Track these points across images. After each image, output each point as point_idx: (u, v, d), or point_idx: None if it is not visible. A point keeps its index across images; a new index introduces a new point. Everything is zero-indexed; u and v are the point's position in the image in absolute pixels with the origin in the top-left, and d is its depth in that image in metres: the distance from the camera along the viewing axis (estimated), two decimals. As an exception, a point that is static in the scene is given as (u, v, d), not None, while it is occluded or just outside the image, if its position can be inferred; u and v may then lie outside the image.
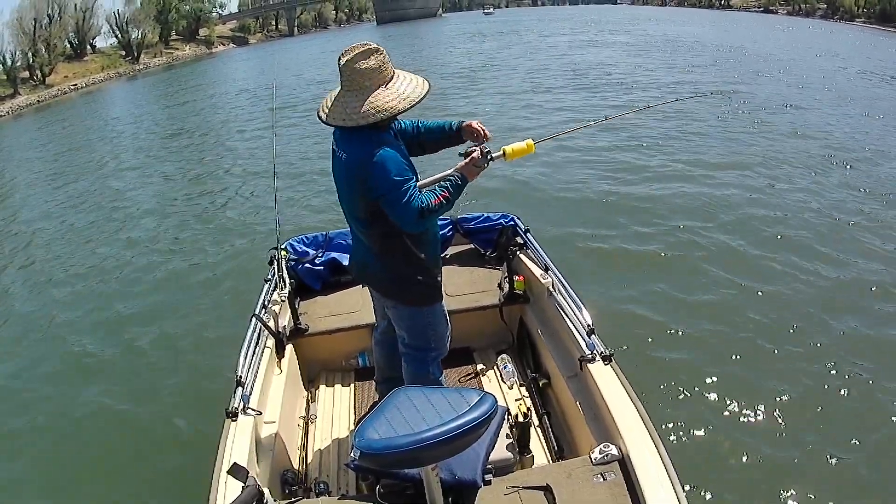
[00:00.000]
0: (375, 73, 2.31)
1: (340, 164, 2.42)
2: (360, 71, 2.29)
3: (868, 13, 43.82)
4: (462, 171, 2.49)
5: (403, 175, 2.31)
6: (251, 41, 73.92)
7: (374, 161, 2.26)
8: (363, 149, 2.30)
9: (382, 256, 2.57)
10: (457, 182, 2.45)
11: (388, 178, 2.27)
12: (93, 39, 52.02)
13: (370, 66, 2.29)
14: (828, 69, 19.17)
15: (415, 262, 2.56)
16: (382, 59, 2.32)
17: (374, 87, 2.31)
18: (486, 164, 2.52)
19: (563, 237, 6.79)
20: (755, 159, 9.43)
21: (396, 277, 2.60)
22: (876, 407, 4.00)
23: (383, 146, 2.29)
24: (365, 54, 2.30)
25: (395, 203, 2.30)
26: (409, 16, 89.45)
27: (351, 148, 2.36)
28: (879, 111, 12.68)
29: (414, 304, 2.68)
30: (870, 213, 7.15)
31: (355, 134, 2.34)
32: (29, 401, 5.08)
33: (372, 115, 2.29)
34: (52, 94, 39.61)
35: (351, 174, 2.37)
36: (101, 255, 8.20)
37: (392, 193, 2.29)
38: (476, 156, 2.50)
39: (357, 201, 2.42)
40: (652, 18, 52.23)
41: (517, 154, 2.66)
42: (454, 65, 26.13)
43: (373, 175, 2.28)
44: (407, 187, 2.30)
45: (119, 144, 17.00)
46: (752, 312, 5.10)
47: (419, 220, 2.35)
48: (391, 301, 2.71)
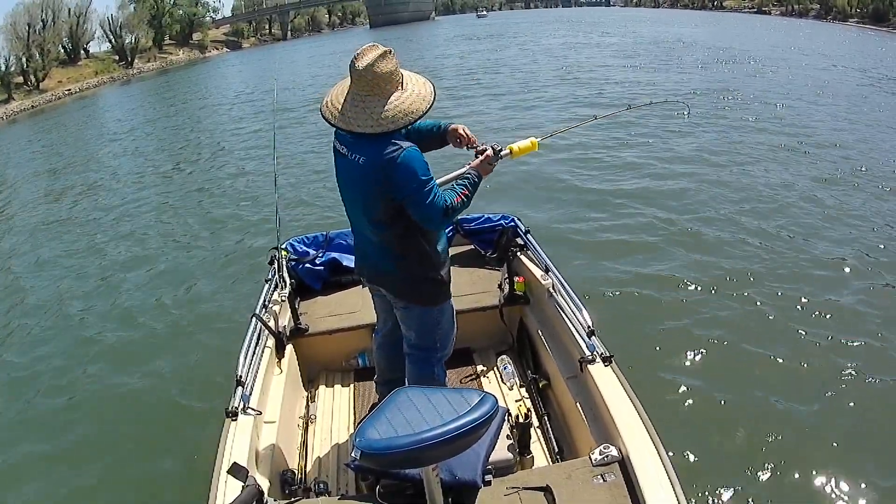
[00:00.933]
0: (394, 75, 2.28)
1: (355, 167, 2.35)
2: (381, 75, 2.24)
3: (861, 13, 44.03)
4: (477, 168, 2.54)
5: (428, 174, 2.31)
6: (245, 45, 73.94)
7: (399, 161, 2.24)
8: (386, 150, 2.25)
9: (399, 257, 2.54)
10: (474, 180, 2.50)
11: (416, 177, 2.27)
12: (87, 44, 52.03)
13: (389, 68, 2.25)
14: (820, 70, 19.28)
15: (429, 261, 2.57)
16: (396, 62, 2.29)
17: (394, 90, 2.28)
18: (496, 161, 2.59)
19: (563, 237, 6.79)
20: (754, 158, 9.47)
21: (411, 277, 2.58)
22: (881, 410, 3.98)
23: (406, 146, 2.27)
24: (383, 57, 2.24)
25: (422, 202, 2.30)
26: (403, 19, 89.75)
27: (371, 150, 2.29)
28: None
29: (426, 304, 2.67)
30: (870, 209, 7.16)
31: (374, 136, 2.28)
32: (28, 401, 5.06)
33: (401, 119, 2.26)
34: (46, 100, 39.49)
35: (371, 177, 2.31)
36: (99, 257, 8.17)
37: (419, 193, 2.29)
38: (490, 153, 2.57)
39: (377, 203, 2.38)
40: (647, 20, 52.39)
41: (523, 152, 2.75)
42: (449, 67, 26.13)
43: (398, 175, 2.26)
44: (431, 185, 2.32)
45: (115, 148, 16.94)
46: (752, 313, 5.10)
47: (444, 219, 2.39)
48: (403, 301, 2.68)
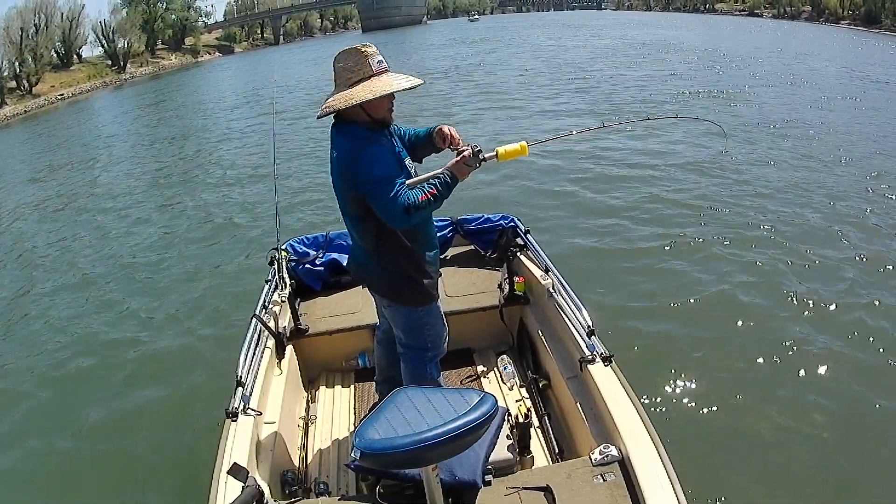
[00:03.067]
0: (356, 68, 2.38)
1: (333, 162, 2.48)
2: (338, 68, 2.42)
3: (853, 15, 44.32)
4: (452, 169, 2.44)
5: (389, 171, 2.35)
6: (237, 50, 74.07)
7: (360, 157, 2.34)
8: (352, 144, 2.38)
9: (377, 255, 2.59)
10: (445, 180, 2.41)
11: (373, 173, 2.33)
12: (79, 49, 52.05)
13: (348, 65, 2.39)
14: (816, 72, 19.38)
15: (409, 261, 2.58)
16: (361, 59, 2.38)
17: (355, 83, 2.37)
18: (477, 163, 2.46)
19: (563, 237, 6.80)
20: (751, 162, 9.50)
21: (391, 277, 2.61)
22: (883, 412, 3.97)
23: (372, 143, 2.37)
24: (346, 52, 2.41)
25: (381, 198, 2.34)
26: (395, 23, 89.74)
27: (341, 144, 2.42)
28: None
29: (409, 304, 2.69)
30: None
31: (346, 131, 2.42)
32: (28, 401, 5.04)
33: (339, 104, 2.35)
34: (39, 104, 39.47)
35: (341, 170, 2.42)
36: (98, 259, 8.15)
37: (377, 189, 2.33)
38: (467, 154, 2.44)
39: (347, 197, 2.47)
40: (638, 23, 52.53)
41: (510, 156, 2.55)
42: (439, 71, 26.10)
43: (360, 171, 2.34)
44: (392, 184, 2.32)
45: (110, 151, 16.90)
46: (753, 314, 5.10)
47: (405, 217, 2.35)
48: (387, 300, 2.74)
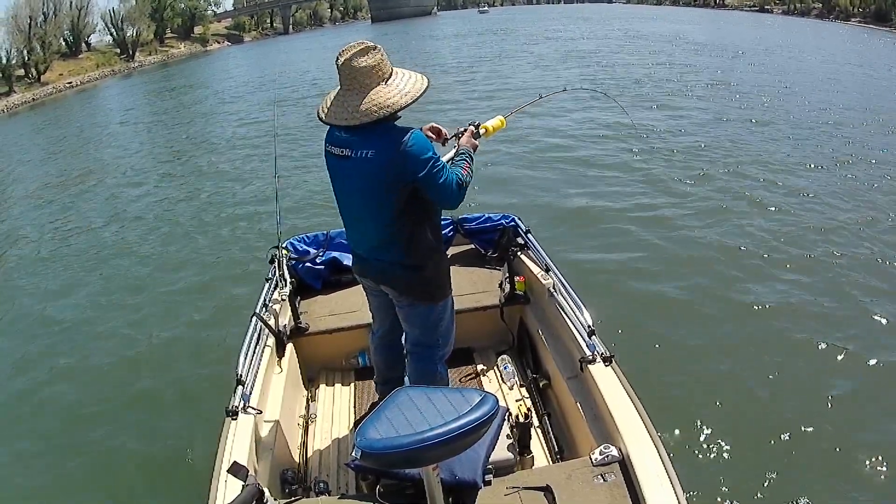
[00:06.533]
0: (374, 70, 2.31)
1: (363, 163, 2.37)
2: (359, 69, 2.30)
3: (864, 13, 43.93)
4: (468, 145, 2.68)
5: (437, 153, 2.41)
6: (246, 39, 73.66)
7: (411, 144, 2.31)
8: (394, 139, 2.32)
9: (408, 252, 2.53)
10: (470, 154, 2.63)
11: (426, 156, 2.34)
12: (88, 37, 51.84)
13: (368, 63, 2.30)
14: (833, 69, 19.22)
15: (434, 254, 2.61)
16: (380, 57, 2.34)
17: (374, 85, 2.32)
18: (478, 138, 2.81)
19: (563, 238, 6.79)
20: (754, 158, 9.48)
21: (420, 273, 2.58)
22: (885, 414, 3.97)
23: (409, 130, 2.35)
24: (362, 52, 2.31)
25: (438, 177, 2.37)
26: (404, 14, 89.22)
27: (380, 143, 2.33)
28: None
29: (431, 300, 2.67)
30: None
31: (378, 130, 2.33)
32: (28, 401, 5.06)
33: (374, 112, 2.29)
34: (47, 92, 39.38)
35: (384, 168, 2.34)
36: (98, 255, 8.17)
37: (431, 171, 2.35)
38: (472, 130, 2.77)
39: (388, 195, 2.39)
40: (650, 17, 52.19)
41: (496, 129, 2.95)
42: (450, 63, 26.06)
43: (412, 158, 2.32)
44: (441, 163, 2.40)
45: (115, 142, 16.93)
46: (752, 314, 5.10)
47: (459, 193, 2.45)
48: (409, 299, 2.65)
